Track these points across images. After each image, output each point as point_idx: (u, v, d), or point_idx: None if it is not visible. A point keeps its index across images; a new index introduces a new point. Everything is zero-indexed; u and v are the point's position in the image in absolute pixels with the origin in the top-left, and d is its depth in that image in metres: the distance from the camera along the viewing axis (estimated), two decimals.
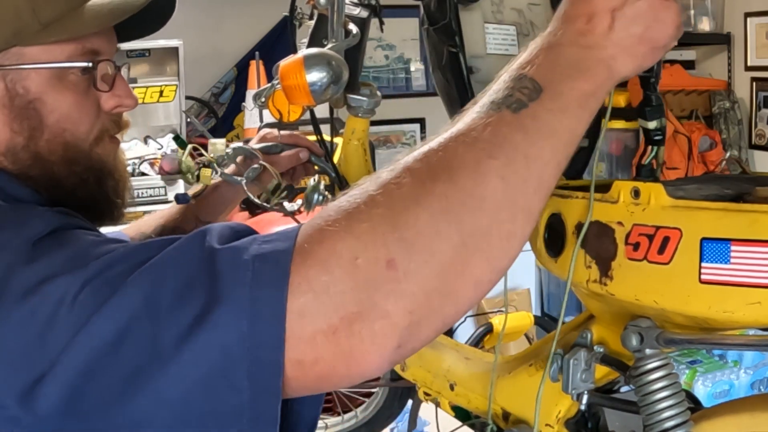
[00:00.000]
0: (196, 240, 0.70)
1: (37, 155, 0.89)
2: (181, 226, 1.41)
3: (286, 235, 0.69)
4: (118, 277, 0.68)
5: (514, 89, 0.74)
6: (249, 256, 0.67)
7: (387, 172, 0.71)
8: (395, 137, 4.51)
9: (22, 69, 0.88)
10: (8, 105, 0.88)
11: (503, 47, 1.19)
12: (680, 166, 3.68)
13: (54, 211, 0.81)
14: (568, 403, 1.08)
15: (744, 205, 0.82)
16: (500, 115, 0.73)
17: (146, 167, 3.15)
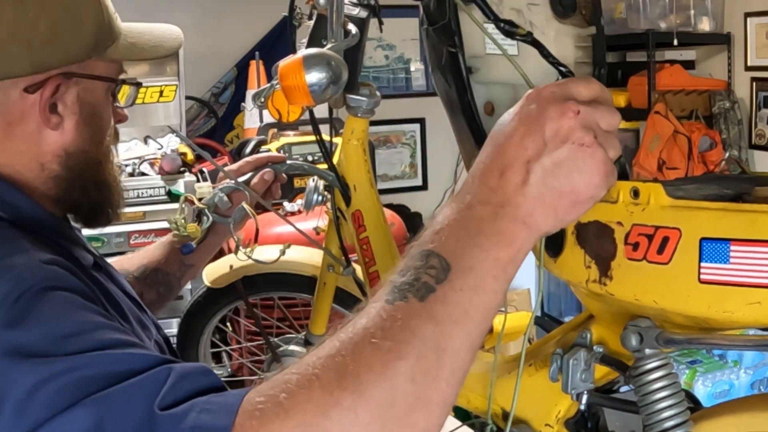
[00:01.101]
0: (156, 386, 0.69)
1: (91, 159, 0.98)
2: (163, 269, 1.43)
3: (226, 409, 0.67)
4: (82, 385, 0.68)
5: (421, 270, 0.69)
6: (186, 427, 0.66)
7: (297, 374, 0.67)
8: (395, 137, 4.50)
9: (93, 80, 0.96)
10: (78, 112, 0.95)
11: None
12: (680, 166, 3.68)
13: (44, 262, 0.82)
14: (567, 403, 1.08)
15: (743, 205, 0.82)
16: (408, 305, 0.68)
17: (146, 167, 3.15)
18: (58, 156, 0.94)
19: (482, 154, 0.73)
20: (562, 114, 0.71)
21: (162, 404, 0.68)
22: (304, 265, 1.69)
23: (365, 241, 1.42)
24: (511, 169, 0.71)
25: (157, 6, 3.76)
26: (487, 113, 1.18)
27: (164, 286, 1.43)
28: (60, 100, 0.92)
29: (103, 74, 0.97)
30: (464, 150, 1.23)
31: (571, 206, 0.72)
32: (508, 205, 0.70)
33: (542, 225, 0.71)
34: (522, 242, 0.71)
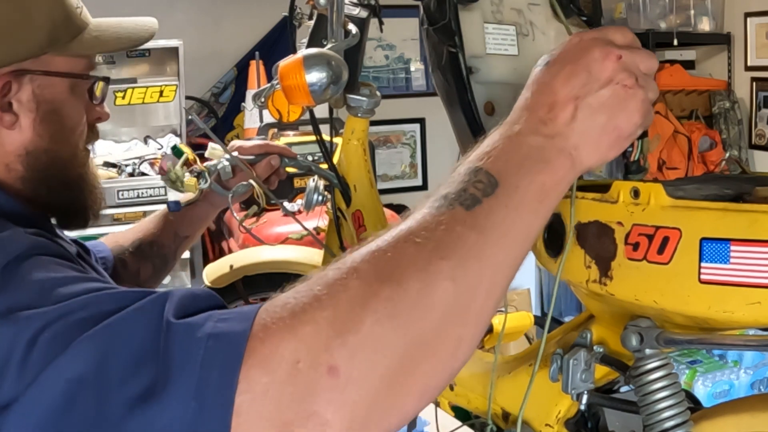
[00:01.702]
0: (156, 306, 0.67)
1: (56, 158, 0.95)
2: (158, 241, 1.42)
3: (244, 315, 0.66)
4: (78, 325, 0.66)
5: (469, 183, 0.71)
6: (203, 334, 0.64)
7: (334, 269, 0.67)
8: (395, 137, 4.51)
9: (50, 76, 0.93)
10: (34, 110, 0.92)
11: (503, 47, 1.19)
12: (680, 166, 3.68)
13: (29, 234, 0.81)
14: (567, 403, 1.08)
15: (744, 205, 0.82)
16: (453, 212, 0.69)
17: (146, 167, 3.16)
18: (19, 156, 0.92)
19: (529, 91, 0.77)
20: (606, 56, 0.75)
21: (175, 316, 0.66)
22: (305, 265, 1.69)
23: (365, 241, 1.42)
24: (560, 104, 0.74)
25: (157, 6, 3.76)
26: (487, 113, 1.18)
27: (159, 259, 1.43)
28: (14, 98, 0.90)
29: (64, 70, 0.94)
30: (464, 150, 1.22)
31: (613, 142, 0.76)
32: (558, 136, 0.74)
33: (586, 159, 0.75)
34: (566, 173, 0.74)
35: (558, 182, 0.74)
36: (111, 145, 3.43)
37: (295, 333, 0.63)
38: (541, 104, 0.75)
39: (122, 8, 1.04)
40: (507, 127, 0.76)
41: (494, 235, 0.69)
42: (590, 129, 0.74)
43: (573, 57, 0.76)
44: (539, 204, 0.73)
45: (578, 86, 0.75)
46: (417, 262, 0.66)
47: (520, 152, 0.73)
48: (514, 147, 0.74)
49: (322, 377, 0.62)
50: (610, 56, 0.75)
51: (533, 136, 0.74)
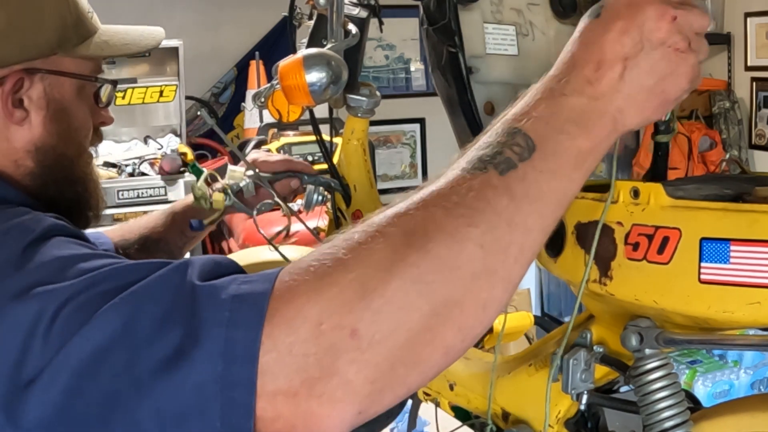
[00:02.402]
0: (179, 272, 0.69)
1: (63, 156, 0.97)
2: (165, 238, 1.43)
3: (266, 277, 0.67)
4: (102, 297, 0.67)
5: (505, 146, 0.69)
6: (227, 296, 0.66)
7: (360, 232, 0.67)
8: (395, 137, 4.51)
9: (60, 76, 0.95)
10: (45, 107, 0.94)
11: (502, 47, 1.19)
12: (680, 166, 3.68)
13: (48, 216, 0.82)
14: (567, 403, 1.08)
15: (744, 205, 0.82)
16: (486, 176, 0.68)
17: (146, 167, 3.16)
18: (28, 152, 0.94)
19: (575, 44, 0.73)
20: (661, 16, 0.71)
21: (200, 279, 0.67)
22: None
23: None
24: (608, 63, 0.71)
25: (157, 6, 3.76)
26: (487, 113, 1.18)
27: (166, 256, 1.43)
28: (25, 94, 0.92)
29: (72, 71, 0.97)
30: None
31: (658, 105, 0.73)
32: (603, 98, 0.71)
33: (629, 122, 0.73)
34: (606, 136, 0.72)
35: (597, 146, 0.72)
36: (111, 145, 3.43)
37: (320, 294, 0.64)
38: (587, 61, 0.72)
39: (122, 8, 1.05)
40: (550, 82, 0.73)
41: (526, 201, 0.68)
42: (637, 91, 0.72)
43: (626, 13, 0.72)
44: (575, 170, 0.71)
45: (629, 45, 0.71)
46: (445, 228, 0.66)
47: (562, 115, 0.71)
48: (556, 108, 0.71)
49: (344, 339, 0.63)
50: (666, 16, 0.71)
51: (577, 97, 0.71)
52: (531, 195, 0.69)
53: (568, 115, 0.71)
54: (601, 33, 0.72)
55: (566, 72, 0.73)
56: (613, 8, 0.73)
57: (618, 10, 0.73)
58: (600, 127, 0.72)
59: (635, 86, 0.72)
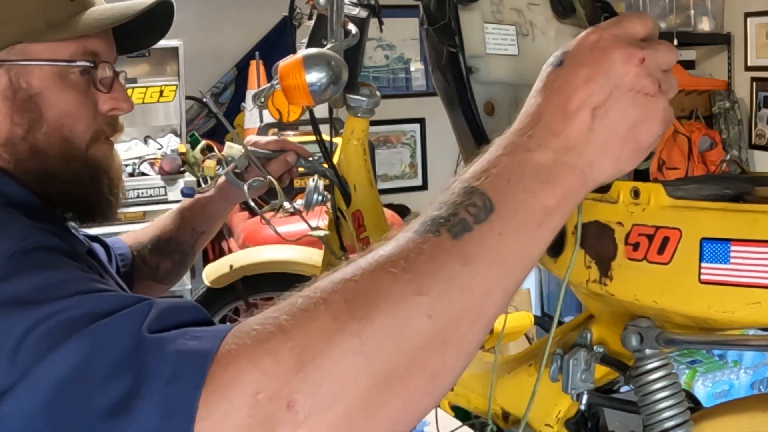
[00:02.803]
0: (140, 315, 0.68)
1: (35, 148, 0.93)
2: (176, 237, 1.43)
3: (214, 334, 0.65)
4: (68, 325, 0.67)
5: (460, 206, 0.65)
6: (173, 350, 0.64)
7: (304, 297, 0.63)
8: (395, 137, 4.51)
9: (26, 65, 0.92)
10: (10, 98, 0.92)
11: (502, 47, 1.19)
12: (680, 166, 3.68)
13: (36, 228, 0.81)
14: (567, 403, 1.08)
15: (744, 205, 0.82)
16: (439, 239, 0.63)
17: (146, 167, 3.15)
18: (2, 146, 0.92)
19: (539, 95, 0.69)
20: (628, 60, 0.67)
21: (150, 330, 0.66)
22: (304, 265, 1.69)
23: (365, 241, 1.42)
24: (576, 113, 0.67)
25: None
26: (487, 113, 1.18)
27: (179, 254, 1.44)
28: None
29: (44, 57, 0.93)
30: (464, 149, 1.22)
31: (631, 154, 0.69)
32: (570, 151, 0.67)
33: (600, 175, 0.68)
34: (576, 191, 0.68)
35: (565, 202, 0.67)
36: None
37: (257, 363, 0.61)
38: (552, 112, 0.67)
39: None
40: (513, 137, 0.68)
41: (483, 265, 0.64)
42: (607, 142, 0.67)
43: (591, 58, 0.68)
44: (539, 229, 0.66)
45: (597, 93, 0.67)
46: (391, 296, 0.62)
47: (525, 171, 0.66)
48: (518, 164, 0.66)
49: (281, 410, 0.60)
50: (633, 59, 0.67)
51: (542, 151, 0.66)
52: (488, 259, 0.64)
53: (533, 171, 0.66)
54: (565, 82, 0.68)
55: (530, 125, 0.68)
56: (577, 54, 0.69)
57: (582, 56, 0.68)
58: (568, 182, 0.67)
59: (605, 136, 0.67)
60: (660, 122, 0.68)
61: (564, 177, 0.67)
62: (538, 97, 0.69)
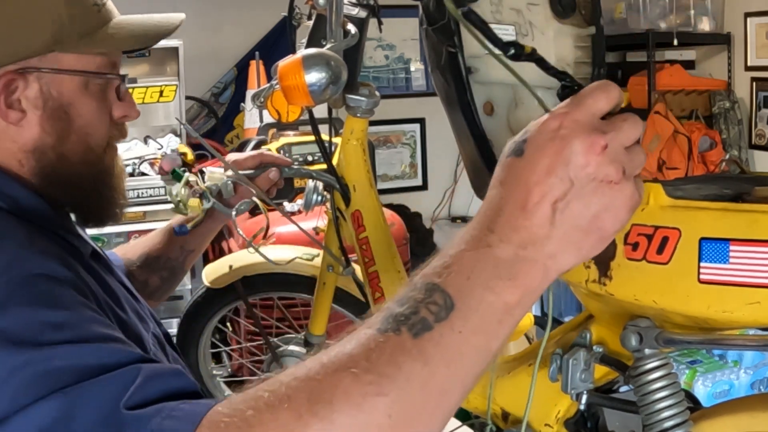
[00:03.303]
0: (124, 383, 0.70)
1: (63, 156, 0.95)
2: (165, 255, 1.44)
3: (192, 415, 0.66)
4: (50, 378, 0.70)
5: (421, 304, 0.65)
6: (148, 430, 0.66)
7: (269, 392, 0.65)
8: (395, 137, 4.51)
9: (58, 74, 0.93)
10: (41, 107, 0.93)
11: None
12: (680, 166, 3.68)
13: (34, 249, 0.82)
14: (567, 403, 1.08)
15: (743, 205, 0.82)
16: (399, 339, 0.64)
17: (146, 167, 3.15)
18: (28, 152, 0.93)
19: (500, 187, 0.68)
20: (589, 149, 0.64)
21: (129, 403, 0.68)
22: (304, 266, 1.69)
23: (365, 241, 1.42)
24: (535, 207, 0.65)
25: (157, 6, 3.76)
26: (486, 113, 1.18)
27: (167, 271, 1.44)
28: (22, 95, 0.91)
29: (74, 67, 0.95)
30: (464, 150, 1.22)
31: (596, 243, 0.67)
32: (531, 245, 0.65)
33: (563, 265, 0.67)
34: (537, 285, 0.66)
35: (527, 297, 0.66)
36: None
37: None
38: (513, 206, 0.66)
39: (122, 8, 1.04)
40: (474, 230, 0.67)
41: (443, 364, 0.64)
42: (570, 234, 0.65)
43: (551, 149, 0.65)
44: (501, 324, 0.65)
45: (557, 186, 0.65)
46: (351, 396, 0.62)
47: (485, 269, 0.65)
48: (479, 261, 0.65)
49: None
50: (594, 148, 0.64)
51: (503, 246, 0.65)
52: (448, 358, 0.64)
53: (494, 267, 0.65)
54: (525, 174, 0.66)
55: (491, 218, 0.67)
56: (537, 144, 0.66)
57: (542, 146, 0.66)
58: (530, 277, 0.66)
59: (567, 229, 0.65)
60: (625, 209, 0.66)
61: (525, 272, 0.65)
62: (499, 188, 0.68)
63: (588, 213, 0.65)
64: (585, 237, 0.66)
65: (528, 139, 0.67)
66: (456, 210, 4.53)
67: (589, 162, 0.64)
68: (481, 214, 0.68)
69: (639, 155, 0.67)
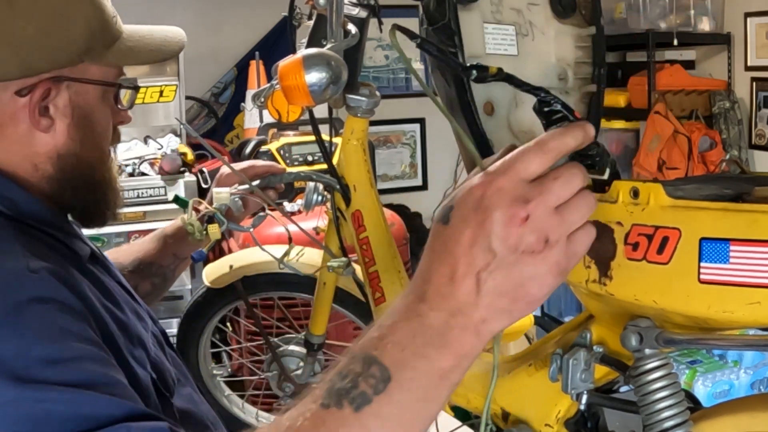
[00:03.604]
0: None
1: (83, 161, 0.98)
2: (157, 261, 1.44)
3: None
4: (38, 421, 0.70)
5: (360, 377, 0.67)
6: None
7: None
8: (395, 137, 4.51)
9: (85, 84, 0.96)
10: (69, 115, 0.96)
11: (502, 47, 1.19)
12: (680, 166, 3.68)
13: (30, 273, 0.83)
14: (567, 403, 1.08)
15: (743, 205, 0.82)
16: (341, 413, 0.66)
17: (146, 167, 3.15)
18: (50, 158, 0.95)
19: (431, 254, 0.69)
20: (509, 222, 0.66)
21: None
22: (304, 265, 1.69)
23: (365, 241, 1.42)
24: (461, 278, 0.67)
25: (157, 6, 3.76)
26: (486, 113, 1.18)
27: (159, 278, 1.45)
28: (51, 103, 0.93)
29: (98, 78, 0.98)
30: (464, 150, 1.22)
31: (525, 307, 0.68)
32: (461, 314, 0.67)
33: (495, 328, 0.68)
34: (471, 349, 0.68)
35: (462, 361, 0.68)
36: None
37: None
38: (440, 275, 0.67)
39: (121, 7, 1.04)
40: (408, 299, 0.69)
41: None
42: (496, 301, 0.67)
43: (474, 219, 0.66)
44: (437, 391, 0.68)
45: (480, 257, 0.66)
46: None
47: (418, 338, 0.67)
48: (412, 330, 0.68)
49: None
50: (515, 220, 0.65)
51: (434, 315, 0.67)
52: (389, 427, 0.67)
53: (427, 336, 0.67)
54: (451, 244, 0.67)
55: (421, 287, 0.69)
56: (462, 213, 0.68)
57: (466, 216, 0.67)
58: (463, 343, 0.67)
59: (494, 297, 0.67)
60: (551, 276, 0.67)
61: (457, 339, 0.67)
62: (430, 255, 0.69)
63: (512, 283, 0.66)
64: (513, 303, 0.67)
65: (454, 207, 0.68)
66: None
67: (509, 234, 0.66)
68: (414, 281, 0.70)
69: (574, 212, 0.68)
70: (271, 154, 2.76)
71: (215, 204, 1.35)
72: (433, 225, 0.70)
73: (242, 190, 1.36)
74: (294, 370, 1.73)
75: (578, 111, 1.26)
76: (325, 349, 1.73)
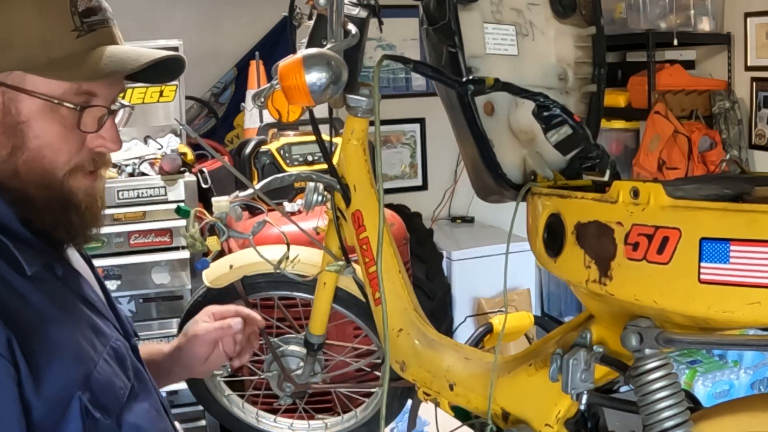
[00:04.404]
0: None
1: (15, 171, 0.95)
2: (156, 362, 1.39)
3: None
4: None
5: None
6: None
7: None
8: (395, 137, 4.51)
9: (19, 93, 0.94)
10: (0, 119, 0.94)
11: (502, 47, 1.19)
12: (680, 166, 3.68)
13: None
14: (567, 403, 1.08)
15: (743, 205, 0.82)
16: None
17: (146, 167, 3.15)
18: None
19: None
20: None
21: None
22: (305, 265, 1.69)
23: (365, 241, 1.42)
24: None
25: (157, 6, 3.76)
26: (487, 113, 1.18)
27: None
28: None
29: (39, 90, 0.94)
30: (464, 150, 1.22)
31: None
32: None
33: None
34: None
35: None
36: None
37: None
38: None
39: (123, 8, 1.04)
40: None
41: None
42: None
43: None
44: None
45: None
46: None
47: None
48: None
49: None
50: None
51: None
52: None
53: None
54: None
55: None
56: None
57: None
58: None
59: None
60: None
61: None
62: None
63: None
64: None
65: None
66: (456, 210, 4.53)
67: None
68: None
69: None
70: (271, 154, 2.75)
71: (215, 213, 1.35)
72: None
73: (242, 197, 1.37)
74: (294, 370, 1.73)
75: (578, 111, 1.26)
76: (325, 349, 1.73)
